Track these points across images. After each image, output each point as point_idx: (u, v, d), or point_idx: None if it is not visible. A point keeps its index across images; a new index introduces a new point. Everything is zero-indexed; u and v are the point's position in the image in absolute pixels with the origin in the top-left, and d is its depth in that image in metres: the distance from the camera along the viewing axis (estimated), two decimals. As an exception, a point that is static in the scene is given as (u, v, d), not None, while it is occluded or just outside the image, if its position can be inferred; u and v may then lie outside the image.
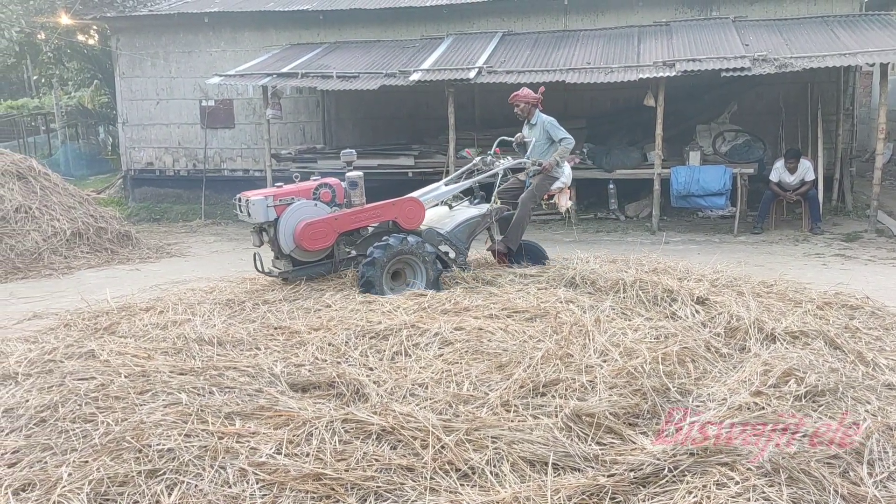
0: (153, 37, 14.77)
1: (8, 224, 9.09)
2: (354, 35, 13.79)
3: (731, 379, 4.01)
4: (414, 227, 6.48)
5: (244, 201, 6.25)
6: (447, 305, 5.37)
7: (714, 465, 3.04)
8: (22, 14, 18.49)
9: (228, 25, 14.32)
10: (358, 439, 3.37)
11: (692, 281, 5.84)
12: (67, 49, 20.35)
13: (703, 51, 10.90)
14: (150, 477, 3.10)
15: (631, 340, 4.47)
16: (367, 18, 13.71)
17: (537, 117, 7.33)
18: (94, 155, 21.90)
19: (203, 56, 14.55)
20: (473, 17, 13.40)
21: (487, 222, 6.88)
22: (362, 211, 6.40)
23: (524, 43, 12.51)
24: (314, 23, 13.91)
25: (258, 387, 3.97)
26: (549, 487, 2.96)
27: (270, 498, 2.97)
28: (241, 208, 6.32)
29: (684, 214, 12.22)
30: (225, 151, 14.76)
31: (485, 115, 13.81)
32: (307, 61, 12.60)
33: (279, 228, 6.14)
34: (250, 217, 6.18)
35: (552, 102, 13.65)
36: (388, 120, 14.25)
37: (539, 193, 7.16)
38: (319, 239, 6.17)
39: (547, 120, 7.28)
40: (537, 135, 7.23)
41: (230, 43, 14.42)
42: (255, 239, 6.40)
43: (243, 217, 6.35)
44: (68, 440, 3.47)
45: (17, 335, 5.51)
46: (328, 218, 6.23)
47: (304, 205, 6.24)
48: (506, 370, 4.10)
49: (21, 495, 3.03)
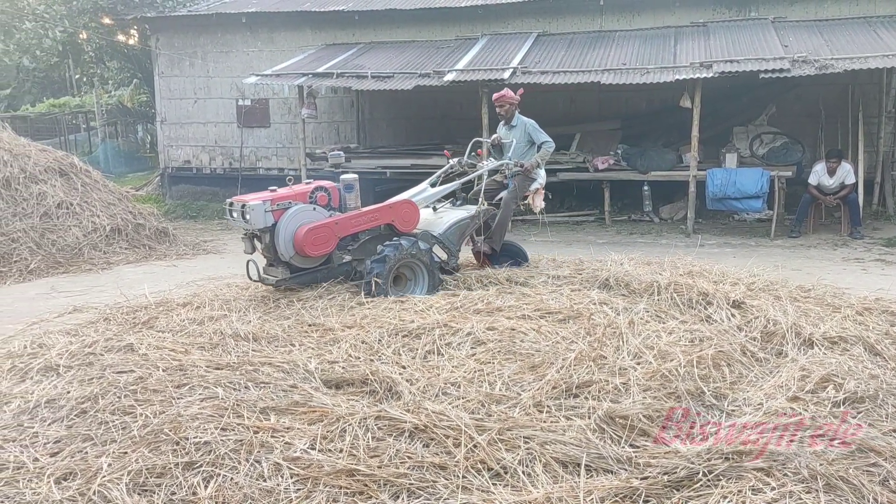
0: (192, 36, 14.99)
1: (50, 219, 9.28)
2: (389, 35, 13.85)
3: (767, 384, 3.96)
4: (410, 230, 6.35)
5: (239, 206, 5.92)
6: (479, 305, 5.38)
7: (750, 470, 3.01)
8: (65, 14, 18.88)
9: (265, 25, 14.48)
10: (390, 436, 3.39)
11: (728, 284, 5.78)
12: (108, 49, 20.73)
13: (741, 52, 10.76)
14: (187, 469, 3.16)
15: (665, 343, 4.43)
16: (402, 19, 13.77)
17: (517, 119, 7.36)
18: (133, 153, 22.28)
19: (240, 56, 14.72)
20: (508, 18, 13.38)
21: (477, 223, 6.80)
22: (362, 214, 6.19)
23: (559, 43, 12.47)
24: (349, 23, 14.00)
25: (293, 383, 4.02)
26: (582, 489, 2.95)
27: (304, 492, 3.00)
28: (235, 214, 5.98)
29: (719, 217, 12.08)
30: (260, 150, 14.92)
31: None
32: (342, 61, 12.69)
33: (278, 234, 5.82)
34: (248, 223, 5.85)
35: (586, 103, 13.74)
36: (422, 120, 14.29)
37: (520, 194, 7.19)
38: (321, 244, 5.91)
39: (528, 122, 7.33)
40: (518, 136, 7.24)
41: (267, 43, 14.57)
42: (248, 246, 6.09)
43: (237, 223, 6.03)
44: (108, 431, 3.54)
45: (58, 328, 5.63)
46: (329, 222, 5.97)
47: (302, 209, 5.93)
48: (538, 371, 4.09)
49: (62, 484, 3.10)
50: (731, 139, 12.05)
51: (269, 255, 6.03)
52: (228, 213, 6.09)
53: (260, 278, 6.06)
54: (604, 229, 11.67)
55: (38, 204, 9.33)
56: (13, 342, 5.28)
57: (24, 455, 3.34)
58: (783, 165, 11.13)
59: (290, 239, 5.82)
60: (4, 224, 8.83)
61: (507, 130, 7.39)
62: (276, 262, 6.00)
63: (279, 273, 5.98)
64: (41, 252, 8.80)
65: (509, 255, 7.13)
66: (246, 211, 5.81)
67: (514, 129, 7.33)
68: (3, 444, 3.46)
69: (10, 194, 9.25)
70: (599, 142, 12.65)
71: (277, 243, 5.84)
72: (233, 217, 6.03)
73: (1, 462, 3.30)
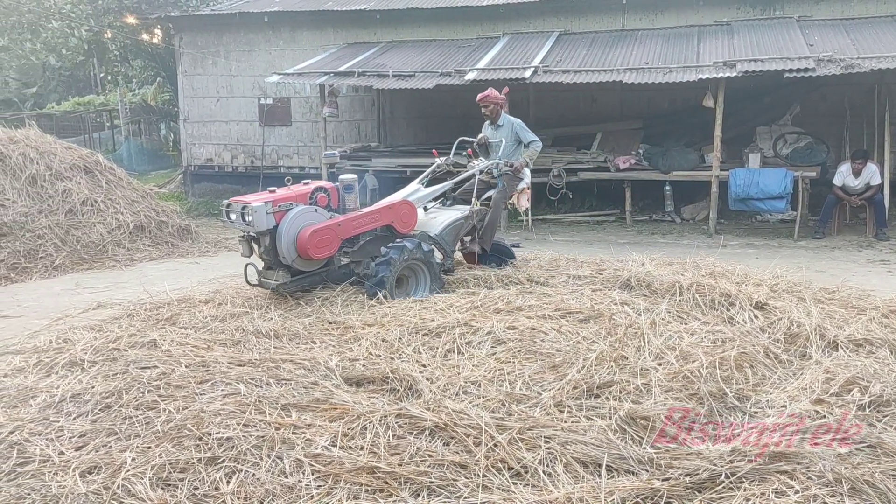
0: (215, 35, 15.10)
1: (75, 216, 9.39)
2: (411, 34, 13.87)
3: (790, 386, 3.93)
4: (409, 231, 6.26)
5: (239, 207, 5.70)
6: (500, 305, 5.37)
7: (773, 472, 2.98)
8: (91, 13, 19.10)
9: (287, 24, 14.55)
10: (411, 434, 3.40)
11: (750, 285, 5.73)
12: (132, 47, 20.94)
13: (766, 51, 10.66)
14: (210, 464, 3.19)
15: (687, 344, 4.40)
16: (424, 18, 13.78)
17: (504, 118, 7.33)
18: (156, 151, 22.47)
19: (262, 55, 14.81)
20: (530, 17, 13.35)
21: (471, 223, 6.74)
22: (364, 216, 6.05)
23: (581, 42, 12.42)
24: (371, 22, 14.04)
25: (314, 380, 4.04)
26: (603, 489, 2.94)
27: (325, 489, 3.02)
28: (233, 215, 5.77)
29: (742, 218, 11.97)
30: (282, 148, 15.00)
31: (539, 115, 13.74)
32: (364, 60, 12.72)
33: (280, 236, 5.61)
34: (248, 225, 5.63)
35: (608, 102, 13.68)
36: (443, 119, 14.28)
37: (509, 194, 7.18)
38: (325, 246, 5.73)
39: (515, 122, 7.31)
40: (505, 136, 7.20)
41: (289, 42, 14.65)
42: (245, 249, 5.89)
43: (236, 226, 5.81)
44: (132, 426, 3.59)
45: (83, 324, 5.70)
46: (332, 224, 5.80)
47: (304, 210, 5.74)
48: (559, 371, 4.08)
49: (87, 477, 3.14)
50: (755, 139, 11.94)
51: (268, 258, 5.80)
52: (226, 215, 5.88)
53: (259, 282, 5.89)
54: (625, 229, 11.61)
55: (63, 201, 9.44)
56: (39, 337, 5.35)
57: (50, 448, 3.39)
58: (807, 166, 11.00)
59: (293, 241, 5.63)
60: (31, 220, 8.94)
61: (494, 130, 7.35)
62: (276, 266, 5.79)
63: (279, 277, 5.77)
64: (66, 248, 8.91)
65: (496, 254, 7.12)
66: (247, 212, 5.60)
67: (500, 129, 7.31)
68: (29, 437, 3.51)
69: (37, 191, 9.37)
70: (621, 141, 12.59)
71: (279, 246, 5.64)
72: (230, 219, 5.83)
73: (27, 455, 3.35)
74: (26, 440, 3.48)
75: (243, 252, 5.92)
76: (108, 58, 21.73)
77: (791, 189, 10.44)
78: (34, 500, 3.00)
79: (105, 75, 25.05)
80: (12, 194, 9.11)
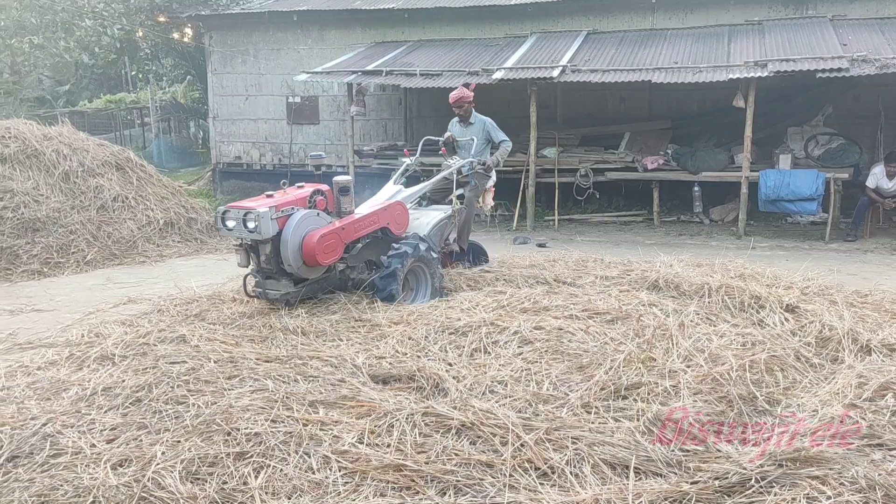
0: (244, 34, 15.22)
1: (106, 212, 9.52)
2: (438, 33, 13.88)
3: (822, 390, 3.87)
4: (402, 233, 6.09)
5: (240, 214, 5.31)
6: (526, 304, 5.36)
7: (804, 477, 2.94)
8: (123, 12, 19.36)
9: (316, 23, 14.63)
10: (438, 433, 3.40)
11: (781, 288, 5.66)
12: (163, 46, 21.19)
13: (798, 51, 10.52)
14: (238, 459, 3.21)
15: (716, 346, 4.36)
16: (452, 17, 13.78)
17: (475, 117, 7.27)
18: (185, 148, 22.71)
19: (291, 53, 14.90)
20: (558, 16, 13.29)
21: (453, 223, 6.68)
22: (364, 219, 5.81)
23: (609, 42, 12.34)
24: (399, 21, 14.06)
25: (341, 377, 4.06)
26: (631, 491, 2.92)
27: (352, 486, 3.03)
28: (232, 223, 5.38)
29: (772, 219, 11.82)
30: (309, 147, 15.07)
31: (567, 114, 13.70)
32: (391, 59, 12.75)
33: (286, 243, 5.30)
34: (252, 232, 5.27)
35: (637, 102, 13.58)
36: (470, 118, 14.28)
37: (480, 192, 7.11)
38: (332, 252, 5.46)
39: (487, 120, 7.27)
40: (477, 134, 7.15)
41: (317, 41, 14.72)
42: (243, 259, 5.53)
43: (235, 234, 5.43)
44: (162, 420, 3.63)
45: (113, 318, 5.79)
46: (337, 228, 5.53)
47: (308, 215, 5.45)
48: (586, 371, 4.06)
49: (118, 470, 3.18)
50: (786, 140, 11.79)
51: (269, 266, 5.46)
52: (221, 223, 5.44)
53: (263, 293, 5.53)
54: (652, 230, 11.53)
55: (95, 197, 9.58)
56: (71, 331, 5.45)
57: (82, 441, 3.44)
58: (839, 167, 10.84)
59: (299, 247, 5.33)
60: (63, 216, 9.08)
61: (464, 128, 7.29)
62: (279, 275, 5.49)
63: (283, 286, 5.49)
64: (97, 244, 9.03)
65: (470, 253, 7.08)
66: (250, 219, 5.24)
67: (471, 128, 7.26)
68: (62, 429, 3.56)
69: (69, 187, 9.51)
70: (649, 141, 12.49)
71: (284, 253, 5.32)
72: (228, 227, 5.42)
73: (60, 447, 3.41)
74: (59, 432, 3.53)
75: (241, 262, 5.56)
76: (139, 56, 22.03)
77: (823, 191, 10.30)
78: (66, 492, 3.04)
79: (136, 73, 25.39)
80: (46, 190, 9.26)
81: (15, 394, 4.13)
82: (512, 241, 10.47)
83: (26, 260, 8.39)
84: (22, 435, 3.49)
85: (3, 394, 4.14)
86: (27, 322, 6.22)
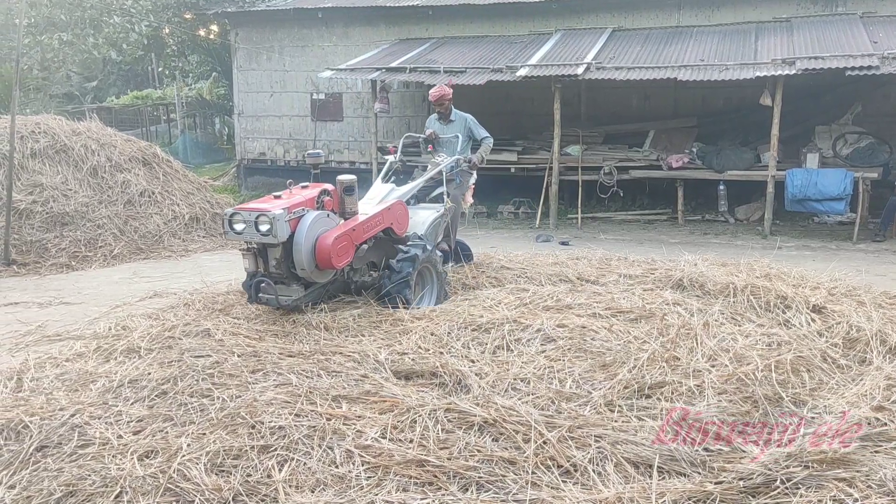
0: (269, 31, 15.31)
1: (133, 207, 9.64)
2: (462, 30, 13.87)
3: (849, 392, 3.82)
4: (403, 233, 5.89)
5: (252, 216, 4.96)
6: (549, 302, 5.34)
7: (831, 479, 2.91)
8: (151, 9, 19.56)
9: (340, 20, 14.68)
10: (460, 429, 3.41)
11: (807, 288, 5.59)
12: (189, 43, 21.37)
13: (827, 48, 10.38)
14: (263, 452, 3.24)
15: (741, 346, 4.32)
16: (476, 14, 13.76)
17: (455, 114, 7.18)
18: (211, 144, 22.89)
19: (315, 50, 14.97)
20: (582, 13, 13.24)
21: (446, 221, 6.60)
22: (372, 219, 5.56)
23: (634, 39, 12.26)
24: (423, 18, 14.08)
25: (363, 372, 4.07)
26: (654, 490, 2.91)
27: (375, 480, 3.04)
28: (241, 226, 5.01)
29: (798, 219, 11.69)
30: (333, 144, 15.15)
31: (591, 112, 13.64)
32: (415, 56, 12.77)
33: (299, 246, 5.00)
34: (267, 235, 4.92)
35: (662, 100, 13.48)
36: (493, 115, 14.18)
37: (465, 190, 7.02)
38: (345, 254, 5.21)
39: (468, 117, 7.19)
40: (459, 131, 7.05)
41: (341, 38, 14.77)
42: (251, 263, 5.20)
43: (246, 237, 5.04)
44: (187, 413, 3.67)
45: (140, 311, 5.86)
46: (348, 229, 5.27)
47: (319, 216, 5.17)
48: (609, 370, 4.04)
49: (145, 461, 3.22)
50: (813, 139, 11.64)
51: (279, 271, 5.15)
52: (228, 226, 5.06)
53: (276, 300, 5.11)
54: (676, 229, 11.44)
55: (122, 192, 9.70)
56: (98, 324, 5.52)
57: (109, 432, 3.49)
58: (868, 167, 10.69)
59: (312, 250, 5.04)
60: (91, 210, 9.20)
61: (444, 126, 7.17)
62: (289, 279, 5.21)
63: (294, 291, 5.23)
64: (124, 238, 9.15)
65: (458, 251, 6.98)
66: (263, 221, 4.91)
67: (452, 125, 7.14)
68: (90, 420, 3.61)
69: (97, 182, 9.64)
70: (674, 139, 12.40)
71: (297, 256, 5.03)
72: (236, 231, 5.04)
73: (88, 438, 3.46)
74: (87, 423, 3.59)
75: (249, 266, 5.20)
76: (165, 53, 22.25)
77: (851, 190, 10.17)
78: (94, 482, 3.08)
79: (163, 70, 25.63)
80: (74, 185, 9.39)
81: (44, 385, 4.20)
82: (534, 239, 10.45)
83: (55, 253, 8.52)
84: (51, 425, 3.55)
85: (33, 385, 4.21)
86: (55, 314, 6.31)
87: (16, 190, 8.59)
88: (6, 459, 3.31)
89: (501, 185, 13.14)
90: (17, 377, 4.37)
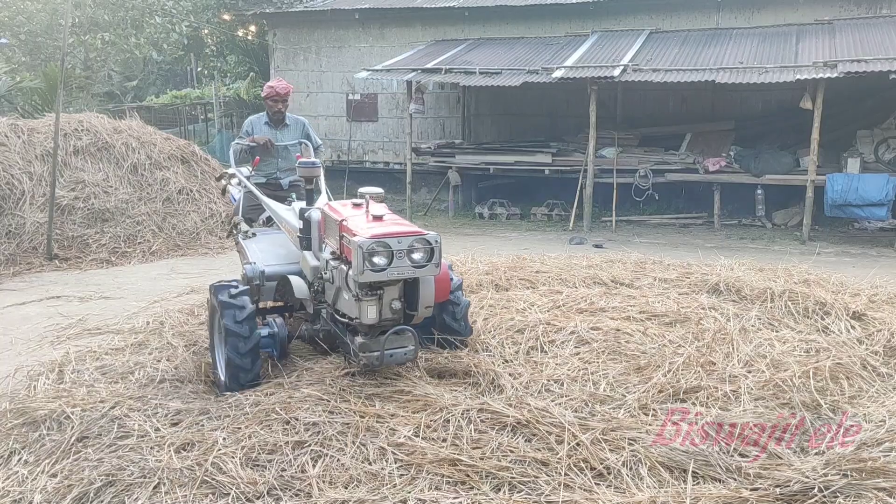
0: (306, 32, 15.45)
1: (172, 204, 9.79)
2: (498, 31, 13.86)
3: (890, 400, 3.75)
4: None
5: (407, 243, 3.83)
6: (583, 305, 5.32)
7: (870, 488, 2.86)
8: (191, 10, 19.85)
9: (377, 21, 14.76)
10: (493, 429, 3.41)
11: (847, 295, 5.50)
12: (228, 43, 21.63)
13: (870, 51, 10.17)
14: (297, 448, 3.28)
15: (779, 352, 4.27)
16: (512, 15, 13.74)
17: (289, 117, 6.35)
18: (247, 144, 23.08)
19: (351, 51, 15.07)
20: (620, 15, 13.14)
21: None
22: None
23: (672, 41, 12.14)
24: (459, 19, 14.09)
25: (397, 371, 4.09)
26: (688, 495, 2.88)
27: (408, 478, 3.06)
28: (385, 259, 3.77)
29: (837, 225, 11.48)
30: (367, 144, 15.23)
31: (626, 114, 13.54)
32: (451, 57, 12.78)
33: (428, 280, 4.04)
34: (425, 267, 3.88)
35: (699, 102, 13.33)
36: (527, 117, 14.24)
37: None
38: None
39: (304, 120, 6.55)
40: (299, 137, 6.27)
41: (378, 38, 14.85)
42: (373, 312, 3.95)
43: (394, 273, 3.84)
44: (222, 407, 3.72)
45: (177, 307, 5.95)
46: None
47: None
48: (644, 373, 4.02)
49: (182, 454, 3.28)
50: (855, 143, 11.42)
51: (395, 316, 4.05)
52: (367, 260, 3.71)
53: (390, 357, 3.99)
54: (712, 233, 11.30)
55: (161, 189, 9.86)
56: (137, 318, 5.62)
57: (147, 424, 3.56)
58: (912, 172, 10.46)
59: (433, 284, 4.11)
60: (131, 207, 9.37)
61: (277, 131, 6.23)
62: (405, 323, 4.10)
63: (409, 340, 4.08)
64: (162, 235, 9.30)
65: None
66: (419, 249, 3.91)
67: (288, 129, 6.30)
68: (128, 412, 3.69)
69: (137, 179, 9.80)
70: (711, 142, 12.25)
71: (426, 292, 4.09)
72: (374, 263, 3.78)
73: (127, 429, 3.53)
74: (126, 415, 3.66)
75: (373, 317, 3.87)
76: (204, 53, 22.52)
77: (893, 196, 9.96)
78: (132, 472, 3.15)
79: (201, 70, 25.99)
80: (115, 182, 9.56)
81: (84, 377, 4.29)
82: (568, 242, 10.40)
83: (95, 249, 8.69)
84: (91, 416, 3.63)
85: (74, 377, 4.31)
86: (96, 309, 6.44)
87: (59, 186, 8.77)
88: (48, 448, 3.39)
89: (535, 187, 13.11)
90: (58, 369, 4.49)
